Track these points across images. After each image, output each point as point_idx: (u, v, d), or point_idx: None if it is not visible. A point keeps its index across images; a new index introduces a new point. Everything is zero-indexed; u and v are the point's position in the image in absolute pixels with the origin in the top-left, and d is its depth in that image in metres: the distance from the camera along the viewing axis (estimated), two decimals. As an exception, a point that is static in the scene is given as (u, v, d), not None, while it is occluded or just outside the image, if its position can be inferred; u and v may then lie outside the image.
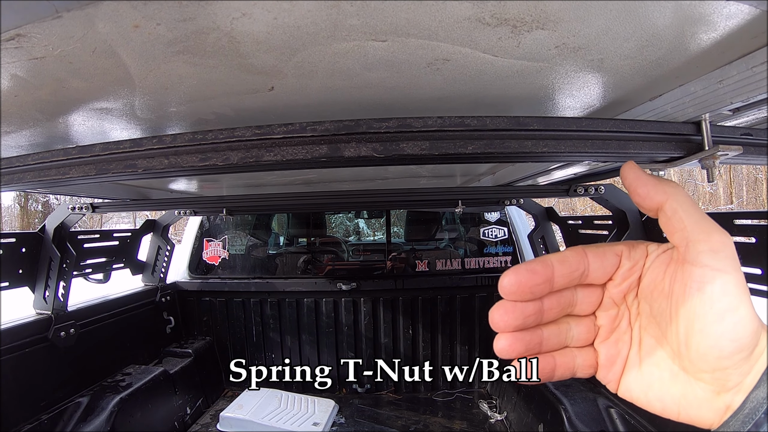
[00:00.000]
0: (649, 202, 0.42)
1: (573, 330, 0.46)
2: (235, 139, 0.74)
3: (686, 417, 0.42)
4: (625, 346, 0.45)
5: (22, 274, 2.21)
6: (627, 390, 0.45)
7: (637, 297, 0.44)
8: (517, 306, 0.43)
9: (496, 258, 3.62)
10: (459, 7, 0.54)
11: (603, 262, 0.44)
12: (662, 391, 0.43)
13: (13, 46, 0.60)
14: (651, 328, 0.43)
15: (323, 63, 0.71)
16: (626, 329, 0.45)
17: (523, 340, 0.44)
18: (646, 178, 0.42)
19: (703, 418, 0.41)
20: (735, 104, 0.78)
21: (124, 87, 0.78)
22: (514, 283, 0.42)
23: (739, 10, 0.55)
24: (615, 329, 0.46)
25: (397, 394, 3.54)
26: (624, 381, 0.45)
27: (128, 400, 2.38)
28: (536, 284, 0.42)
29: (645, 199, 0.42)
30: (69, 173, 0.87)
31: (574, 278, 0.43)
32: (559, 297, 0.44)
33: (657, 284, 0.42)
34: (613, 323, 0.46)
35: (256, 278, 3.60)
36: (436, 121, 0.69)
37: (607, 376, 0.46)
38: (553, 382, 2.44)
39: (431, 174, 2.14)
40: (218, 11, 0.54)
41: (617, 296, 0.45)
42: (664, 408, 0.43)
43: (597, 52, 0.69)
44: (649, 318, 0.43)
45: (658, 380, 0.43)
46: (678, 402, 0.42)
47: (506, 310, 0.43)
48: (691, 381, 0.41)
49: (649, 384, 0.44)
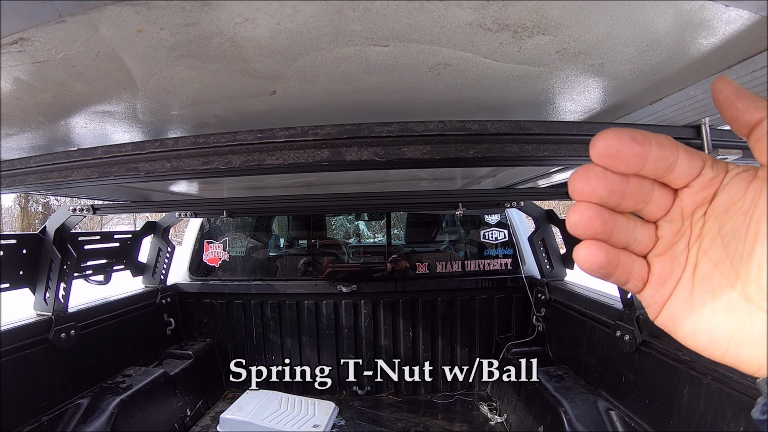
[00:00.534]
0: (747, 117, 0.37)
1: (638, 231, 0.42)
2: (237, 142, 0.74)
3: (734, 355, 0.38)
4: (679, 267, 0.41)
5: (22, 276, 2.21)
6: (671, 318, 0.41)
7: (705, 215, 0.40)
8: (607, 174, 0.38)
9: (497, 260, 3.62)
10: (460, 12, 0.54)
11: (690, 161, 0.39)
12: (713, 322, 0.39)
13: (17, 50, 0.60)
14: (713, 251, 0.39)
15: (325, 67, 0.71)
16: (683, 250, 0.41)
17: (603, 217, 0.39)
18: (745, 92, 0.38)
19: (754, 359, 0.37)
20: (735, 108, 0.79)
21: (126, 90, 0.78)
22: (614, 145, 0.37)
23: (739, 15, 0.55)
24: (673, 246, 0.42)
25: (398, 396, 3.54)
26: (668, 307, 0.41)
27: (128, 402, 2.38)
28: (634, 154, 0.37)
29: (743, 113, 0.37)
30: (71, 176, 0.88)
31: (661, 167, 0.39)
32: (641, 185, 0.40)
33: (736, 200, 0.38)
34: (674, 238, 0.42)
35: (256, 280, 3.59)
36: (438, 125, 0.69)
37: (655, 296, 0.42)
38: (553, 384, 2.44)
39: (432, 177, 2.14)
40: (221, 16, 0.54)
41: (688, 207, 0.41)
42: (711, 342, 0.39)
43: (597, 56, 0.69)
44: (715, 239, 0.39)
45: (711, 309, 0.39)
46: (729, 336, 0.38)
47: (597, 174, 0.38)
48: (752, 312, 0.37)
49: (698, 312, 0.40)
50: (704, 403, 1.64)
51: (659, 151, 0.38)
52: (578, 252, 0.40)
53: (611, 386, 2.29)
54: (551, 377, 2.58)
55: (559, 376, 2.58)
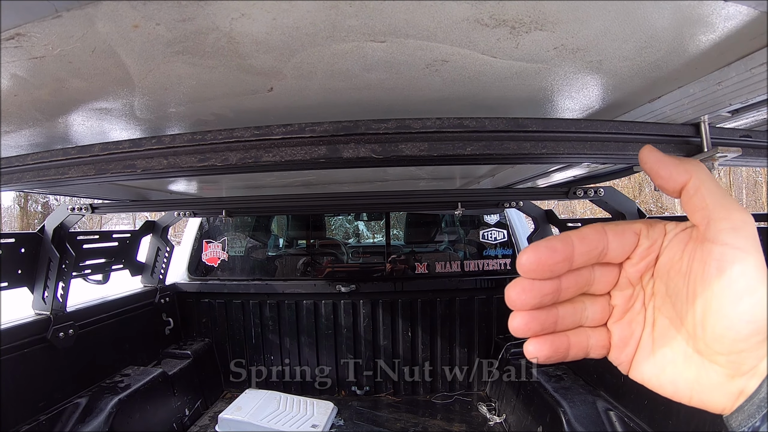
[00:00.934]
0: (672, 183, 0.41)
1: (588, 309, 0.45)
2: (234, 139, 0.74)
3: (698, 401, 0.41)
4: (638, 327, 0.44)
5: (21, 275, 2.21)
6: (639, 372, 0.44)
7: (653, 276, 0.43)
8: (534, 284, 0.41)
9: (496, 260, 3.62)
10: (457, 8, 0.54)
11: (622, 240, 0.42)
12: (675, 374, 0.42)
13: (13, 46, 0.60)
14: (665, 309, 0.42)
15: (322, 64, 0.71)
16: (640, 310, 0.44)
17: (539, 319, 0.43)
18: (667, 159, 0.41)
19: (715, 402, 0.40)
20: (734, 106, 0.79)
21: (123, 87, 0.78)
22: (533, 261, 0.40)
23: (738, 11, 0.55)
24: (629, 309, 0.45)
25: (396, 397, 3.54)
26: (636, 362, 0.44)
27: (127, 401, 2.38)
28: (556, 262, 0.40)
29: (668, 180, 0.41)
30: (68, 173, 0.87)
31: (592, 256, 0.42)
32: (577, 276, 0.43)
33: (675, 263, 0.41)
34: (627, 303, 0.45)
35: (255, 280, 3.59)
36: (435, 122, 0.69)
37: (620, 357, 0.45)
38: (552, 385, 2.44)
39: (431, 176, 2.14)
40: (217, 12, 0.54)
41: (634, 276, 0.44)
42: (676, 391, 0.42)
43: (596, 53, 0.69)
44: (664, 298, 0.42)
45: (671, 362, 0.42)
46: (691, 385, 0.41)
47: (523, 288, 0.41)
48: (705, 364, 0.40)
49: (661, 366, 0.43)
50: (703, 403, 1.63)
51: (583, 246, 0.41)
52: (526, 349, 0.44)
53: (610, 386, 2.29)
54: (550, 377, 2.58)
55: (558, 377, 2.58)
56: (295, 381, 3.57)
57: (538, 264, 0.40)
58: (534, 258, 0.40)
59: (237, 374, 3.45)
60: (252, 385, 3.48)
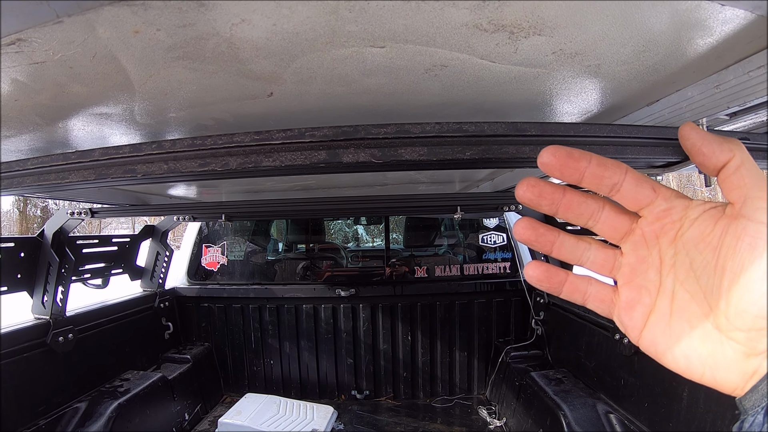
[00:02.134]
0: (714, 161, 0.41)
1: (592, 251, 0.47)
2: (234, 144, 0.74)
3: (710, 377, 0.41)
4: (647, 295, 0.45)
5: (20, 279, 2.21)
6: (651, 343, 0.45)
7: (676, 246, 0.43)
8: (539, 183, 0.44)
9: (495, 264, 3.62)
10: (456, 13, 0.54)
11: (637, 187, 0.43)
12: (690, 348, 0.42)
13: (14, 51, 0.60)
14: (688, 283, 0.42)
15: (322, 69, 0.71)
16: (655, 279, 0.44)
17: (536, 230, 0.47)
18: (711, 136, 0.42)
19: (728, 380, 0.40)
20: (732, 108, 0.79)
21: (123, 92, 0.78)
22: (550, 154, 0.42)
23: (735, 14, 0.55)
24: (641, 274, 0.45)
25: (396, 400, 3.53)
26: (648, 332, 0.45)
27: (126, 406, 2.37)
28: (567, 165, 0.42)
29: (710, 158, 0.41)
30: (68, 178, 0.87)
31: (603, 184, 0.44)
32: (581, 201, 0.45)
33: (705, 236, 0.41)
34: (640, 265, 0.45)
35: (254, 284, 3.59)
36: (434, 126, 0.69)
37: (624, 321, 0.46)
38: (552, 388, 2.43)
39: (430, 180, 2.14)
40: (218, 17, 0.54)
41: (650, 235, 0.45)
42: (689, 366, 0.42)
43: (594, 57, 0.69)
44: (688, 271, 0.42)
45: (688, 336, 0.42)
46: (704, 361, 0.41)
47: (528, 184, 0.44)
48: (723, 340, 0.40)
49: (676, 339, 0.43)
50: (703, 405, 1.64)
51: (599, 169, 0.43)
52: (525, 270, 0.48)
53: (610, 389, 2.29)
54: (550, 381, 2.57)
55: (558, 380, 2.58)
56: (295, 385, 3.57)
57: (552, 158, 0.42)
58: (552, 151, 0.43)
59: (236, 378, 3.44)
60: (252, 389, 3.48)
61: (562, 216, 0.46)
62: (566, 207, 0.45)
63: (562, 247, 0.47)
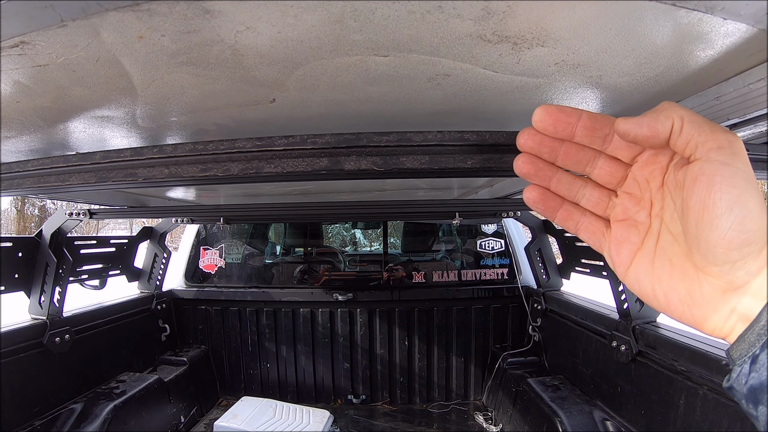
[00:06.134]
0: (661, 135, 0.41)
1: (587, 190, 0.50)
2: (236, 150, 0.74)
3: (690, 317, 0.43)
4: (636, 235, 0.47)
5: (18, 279, 2.20)
6: (636, 280, 0.47)
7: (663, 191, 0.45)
8: (538, 134, 0.47)
9: (493, 270, 3.62)
10: (461, 24, 0.55)
11: None
12: (670, 287, 0.44)
13: (17, 53, 0.60)
14: (673, 225, 0.45)
15: (325, 77, 0.71)
16: (645, 220, 0.47)
17: (536, 164, 0.49)
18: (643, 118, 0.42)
19: (706, 319, 0.42)
20: (732, 120, 0.79)
21: (126, 96, 0.79)
22: (542, 112, 0.46)
23: (737, 28, 0.56)
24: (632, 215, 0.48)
25: (393, 405, 3.52)
26: (634, 270, 0.47)
27: (122, 408, 2.37)
28: (559, 120, 0.46)
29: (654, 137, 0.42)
30: (69, 180, 0.87)
31: (596, 137, 0.47)
32: (578, 149, 0.48)
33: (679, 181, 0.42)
34: (632, 207, 0.48)
35: (252, 287, 3.58)
36: (436, 135, 0.69)
37: (612, 256, 0.49)
38: (548, 394, 2.43)
39: (429, 186, 2.15)
40: (223, 24, 0.54)
41: (641, 180, 0.47)
42: (669, 304, 0.44)
43: (596, 68, 0.69)
44: (672, 214, 0.44)
45: (668, 275, 0.44)
46: (683, 299, 0.43)
47: (530, 134, 0.48)
48: (700, 277, 0.42)
49: (658, 277, 0.45)
50: (700, 413, 1.64)
51: (589, 121, 0.46)
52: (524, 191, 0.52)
53: (607, 396, 2.29)
54: (547, 387, 2.57)
55: (554, 386, 2.58)
56: (291, 389, 3.56)
57: (544, 115, 0.46)
58: (544, 109, 0.46)
59: (233, 381, 3.43)
60: (248, 392, 3.47)
61: (561, 162, 0.49)
62: (565, 153, 0.48)
63: (559, 183, 0.50)
